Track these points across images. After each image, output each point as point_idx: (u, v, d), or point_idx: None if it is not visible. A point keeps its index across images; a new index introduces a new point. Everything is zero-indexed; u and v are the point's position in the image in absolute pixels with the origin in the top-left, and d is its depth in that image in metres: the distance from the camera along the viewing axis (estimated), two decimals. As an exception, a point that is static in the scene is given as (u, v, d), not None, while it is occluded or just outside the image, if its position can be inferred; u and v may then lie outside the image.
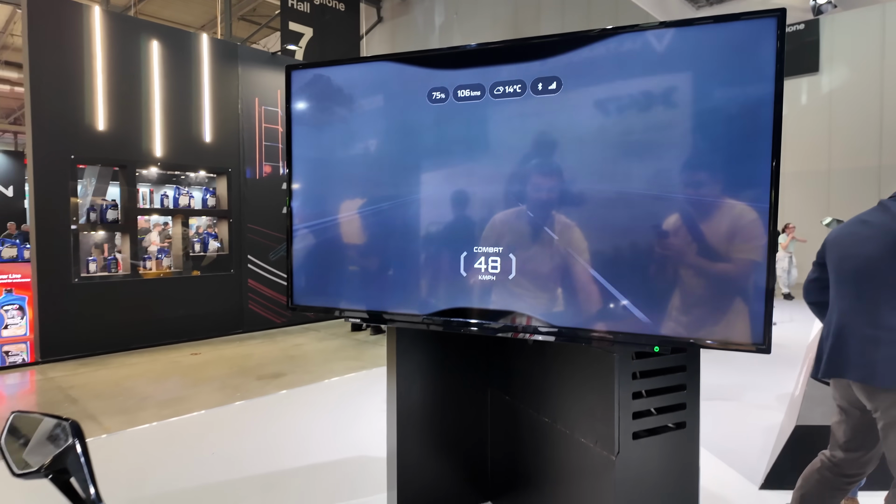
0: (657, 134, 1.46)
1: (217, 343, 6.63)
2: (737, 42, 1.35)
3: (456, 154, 1.66)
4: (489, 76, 1.60)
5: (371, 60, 1.73)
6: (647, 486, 1.98)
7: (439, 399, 2.61)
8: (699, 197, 1.42)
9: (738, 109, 1.37)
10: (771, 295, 1.42)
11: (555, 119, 1.55)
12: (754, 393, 4.49)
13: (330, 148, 1.88)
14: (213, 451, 3.40)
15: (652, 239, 1.52)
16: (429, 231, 1.73)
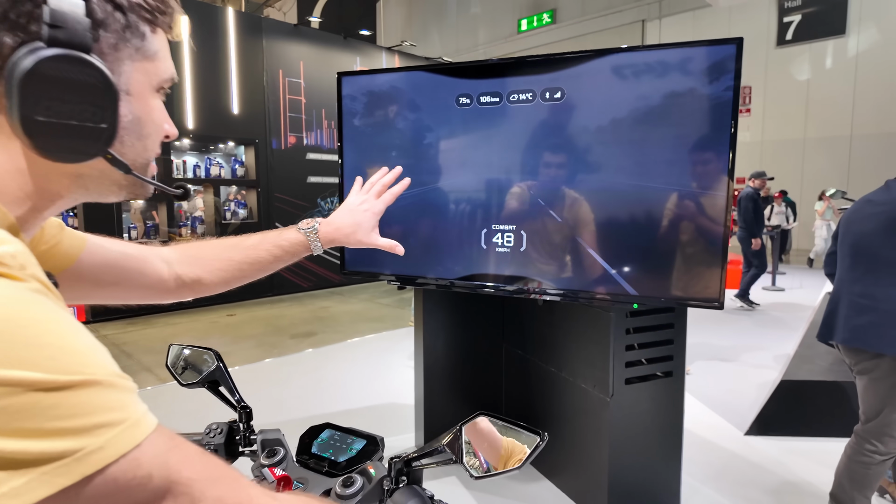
0: (639, 134, 1.79)
1: (250, 305, 7.10)
2: (705, 61, 1.64)
3: (478, 149, 1.99)
4: (506, 86, 1.91)
5: (409, 70, 2.06)
6: (637, 424, 2.33)
7: (460, 353, 2.98)
8: (670, 187, 1.74)
9: (703, 115, 1.68)
10: (724, 264, 1.74)
11: (559, 122, 1.87)
12: (754, 353, 4.80)
13: (374, 140, 2.23)
14: (259, 398, 3.85)
15: (631, 219, 1.90)
16: (455, 211, 2.08)
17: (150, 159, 0.60)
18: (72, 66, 0.48)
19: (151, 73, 0.57)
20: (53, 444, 0.36)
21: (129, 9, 0.53)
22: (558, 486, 2.63)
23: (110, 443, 0.39)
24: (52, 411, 0.36)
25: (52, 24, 0.47)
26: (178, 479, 0.43)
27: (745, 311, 6.59)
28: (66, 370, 0.38)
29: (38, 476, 0.36)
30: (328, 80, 8.11)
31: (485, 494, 2.58)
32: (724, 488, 2.63)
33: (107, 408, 0.39)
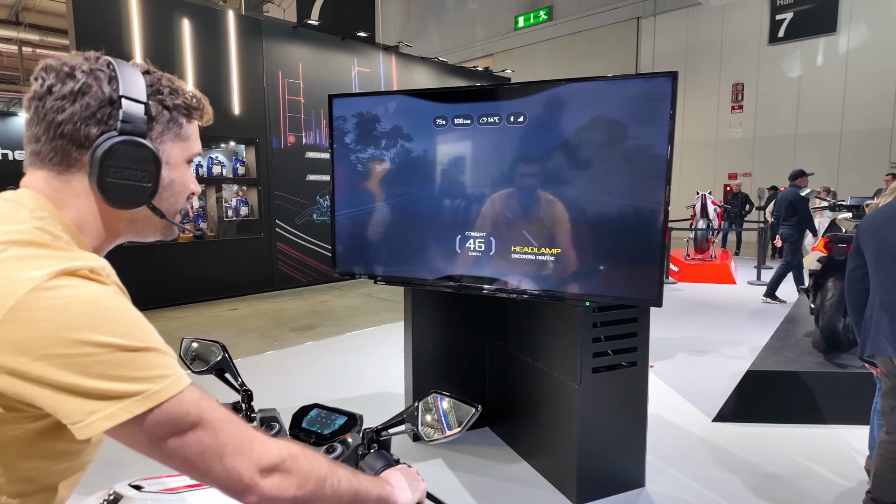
0: (591, 153, 2.03)
1: (251, 300, 7.34)
2: (646, 90, 1.87)
3: (452, 165, 2.24)
4: (477, 110, 2.15)
5: (392, 94, 2.31)
6: (603, 410, 2.57)
7: (447, 346, 3.22)
8: (616, 200, 1.98)
9: (644, 137, 1.91)
10: (661, 269, 1.96)
11: (522, 142, 2.11)
12: (731, 346, 5.03)
13: (360, 154, 2.47)
14: (262, 388, 4.09)
15: (582, 228, 2.15)
16: (433, 219, 2.33)
17: (179, 209, 0.87)
18: (133, 147, 0.74)
19: (185, 149, 0.84)
20: (133, 386, 0.61)
21: (172, 108, 0.81)
22: (535, 467, 2.87)
23: (165, 388, 0.63)
24: (131, 365, 0.61)
25: (124, 121, 0.74)
26: (206, 416, 0.67)
27: (737, 306, 6.80)
28: (139, 340, 0.63)
29: (123, 405, 0.61)
30: (326, 81, 8.32)
31: (467, 475, 2.82)
32: (688, 469, 2.87)
33: (162, 366, 0.64)
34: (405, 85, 9.52)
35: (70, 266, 0.63)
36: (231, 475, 0.68)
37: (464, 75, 11.11)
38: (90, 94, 0.73)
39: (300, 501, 0.74)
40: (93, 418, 0.60)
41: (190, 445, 0.65)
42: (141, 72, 0.79)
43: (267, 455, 0.72)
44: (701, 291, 7.74)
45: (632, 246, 1.99)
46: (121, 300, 0.66)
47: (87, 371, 0.59)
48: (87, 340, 0.59)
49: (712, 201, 9.40)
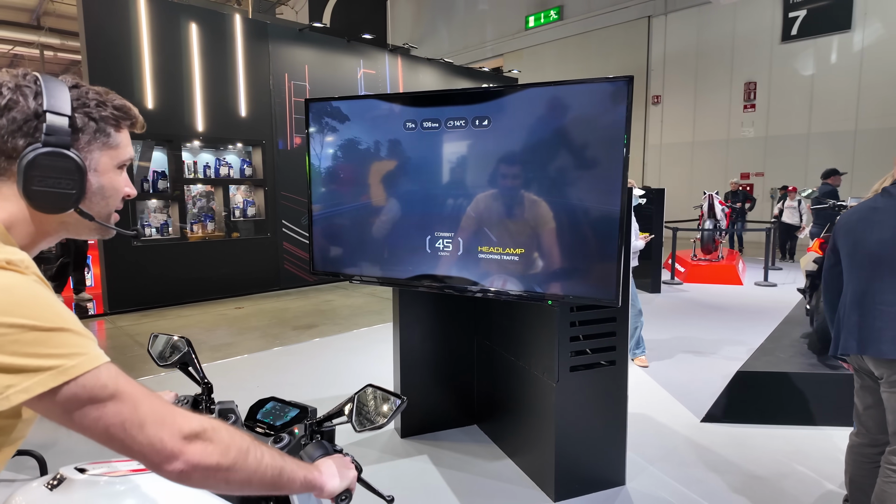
0: (550, 154, 2.07)
1: (257, 298, 7.46)
2: (604, 94, 1.91)
3: (422, 166, 2.30)
4: (444, 114, 2.21)
5: (363, 98, 2.37)
6: (582, 407, 2.60)
7: (435, 345, 3.27)
8: (575, 202, 2.02)
9: (601, 139, 1.95)
10: (619, 270, 2.00)
11: (486, 144, 2.16)
12: (729, 347, 5.01)
13: (335, 156, 2.55)
14: (258, 384, 4.18)
15: (543, 229, 2.19)
16: (404, 219, 2.40)
17: (112, 211, 0.93)
18: (56, 157, 0.81)
19: (114, 157, 0.90)
20: (47, 361, 0.68)
21: (99, 119, 0.87)
22: (518, 464, 2.91)
23: (79, 364, 0.70)
24: (44, 344, 0.69)
25: (48, 133, 0.81)
26: (124, 390, 0.74)
27: (740, 307, 6.75)
28: (52, 321, 0.70)
29: (38, 379, 0.68)
30: (332, 83, 8.42)
31: (450, 471, 2.87)
32: (670, 468, 2.89)
33: (76, 344, 0.72)
34: (411, 86, 9.58)
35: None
36: (154, 443, 0.74)
37: (470, 76, 11.15)
38: (16, 108, 0.80)
39: (223, 469, 0.79)
40: (10, 391, 0.67)
41: (110, 416, 0.72)
42: (68, 86, 0.85)
43: (188, 424, 0.78)
44: (706, 292, 7.69)
45: (591, 247, 2.02)
46: (36, 287, 0.73)
47: (2, 349, 0.66)
48: (1, 322, 0.66)
49: (720, 201, 9.32)
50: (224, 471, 0.80)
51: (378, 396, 1.13)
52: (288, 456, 0.94)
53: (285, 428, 1.25)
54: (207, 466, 0.78)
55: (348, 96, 2.51)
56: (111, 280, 6.59)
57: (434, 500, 2.61)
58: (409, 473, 2.86)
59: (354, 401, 1.14)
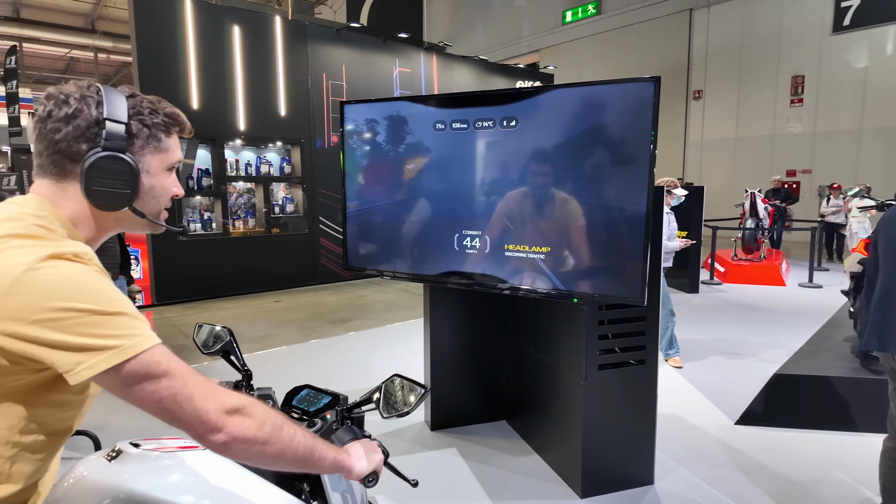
0: (577, 154, 2.10)
1: (295, 293, 7.69)
2: (630, 95, 1.91)
3: (450, 166, 2.35)
4: (473, 114, 2.26)
5: (395, 100, 2.46)
6: (610, 406, 2.61)
7: (464, 341, 3.33)
8: (602, 201, 2.03)
9: (628, 140, 1.96)
10: (645, 269, 2.00)
11: (514, 144, 2.19)
12: (768, 349, 4.88)
13: (367, 156, 2.64)
14: (294, 375, 4.33)
15: (569, 228, 2.22)
16: (433, 218, 2.47)
17: (161, 209, 1.03)
18: (113, 161, 0.91)
19: (164, 160, 1.00)
20: (109, 341, 0.78)
21: (151, 126, 0.97)
22: (545, 460, 2.94)
23: (136, 344, 0.80)
24: (106, 326, 0.78)
25: (106, 139, 0.91)
26: (175, 368, 0.83)
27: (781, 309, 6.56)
28: (111, 307, 0.80)
29: (103, 357, 0.77)
30: (368, 82, 8.56)
31: (477, 464, 2.92)
32: (701, 470, 2.86)
33: (133, 327, 0.81)
34: (445, 84, 9.65)
35: (57, 251, 0.80)
36: (200, 415, 0.83)
37: (505, 73, 11.13)
38: (81, 117, 0.90)
39: (260, 441, 0.88)
40: (80, 367, 0.76)
41: (163, 390, 0.81)
42: (126, 96, 0.94)
43: (229, 400, 0.87)
44: (746, 293, 7.49)
45: (617, 246, 2.04)
46: (97, 276, 0.82)
47: (71, 331, 0.76)
48: (68, 307, 0.76)
49: (762, 199, 9.04)
50: (260, 443, 0.88)
51: (404, 386, 1.20)
52: (319, 437, 1.01)
53: (318, 414, 1.33)
54: (246, 438, 0.86)
55: (381, 98, 2.59)
56: (158, 273, 6.91)
57: (461, 492, 2.67)
58: (437, 465, 2.93)
59: (382, 389, 1.21)
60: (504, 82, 10.90)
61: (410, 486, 1.18)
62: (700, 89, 15.42)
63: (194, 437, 0.85)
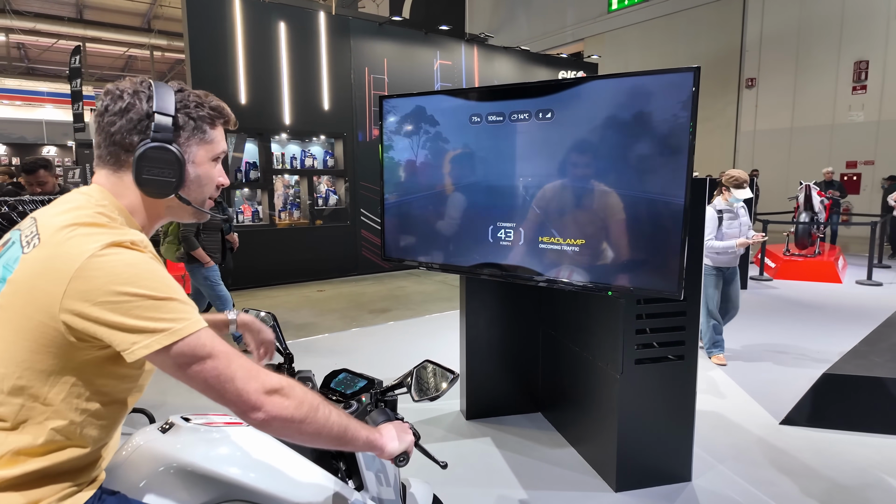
0: (613, 147, 2.07)
1: (337, 282, 7.88)
2: (668, 85, 1.87)
3: (486, 158, 2.37)
4: (508, 107, 2.27)
5: (431, 94, 2.50)
6: (646, 401, 2.59)
7: (500, 332, 3.35)
8: (638, 193, 2.00)
9: (665, 132, 1.92)
10: (682, 263, 1.97)
11: (549, 136, 2.18)
12: (818, 348, 4.69)
13: (405, 149, 2.70)
14: (335, 362, 4.47)
15: (605, 221, 2.21)
16: (468, 210, 2.50)
17: (206, 198, 1.09)
18: (160, 151, 0.98)
19: (209, 150, 1.07)
20: (161, 324, 0.85)
21: (197, 118, 1.03)
22: (580, 453, 2.94)
23: (185, 327, 0.87)
24: (159, 310, 0.85)
25: (155, 130, 0.97)
26: (220, 350, 0.90)
27: (835, 307, 6.28)
28: (164, 292, 0.87)
29: (156, 338, 0.85)
30: (409, 75, 8.63)
31: (512, 454, 2.95)
32: (741, 468, 2.80)
33: (183, 311, 0.88)
34: (486, 76, 9.61)
35: (117, 239, 0.88)
36: (241, 394, 0.90)
37: (547, 63, 10.99)
38: (133, 110, 0.97)
39: (297, 420, 0.94)
40: (135, 347, 0.84)
41: (208, 370, 0.89)
42: (174, 91, 1.01)
43: (269, 381, 0.93)
44: (798, 290, 7.19)
45: (653, 239, 2.01)
46: (153, 264, 0.90)
47: (128, 313, 0.84)
48: (127, 292, 0.84)
49: (818, 192, 8.62)
50: (298, 422, 0.94)
51: (436, 372, 1.24)
52: (353, 418, 1.07)
53: (354, 396, 1.40)
54: (284, 417, 0.93)
55: (418, 93, 2.64)
56: (209, 262, 7.20)
57: (495, 479, 2.71)
58: (472, 453, 2.98)
59: (413, 374, 1.26)
60: (546, 73, 10.76)
61: (440, 467, 1.23)
62: (753, 77, 14.78)
63: (237, 413, 0.92)
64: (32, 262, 0.88)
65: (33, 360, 0.87)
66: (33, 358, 0.87)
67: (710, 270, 4.22)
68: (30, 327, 0.86)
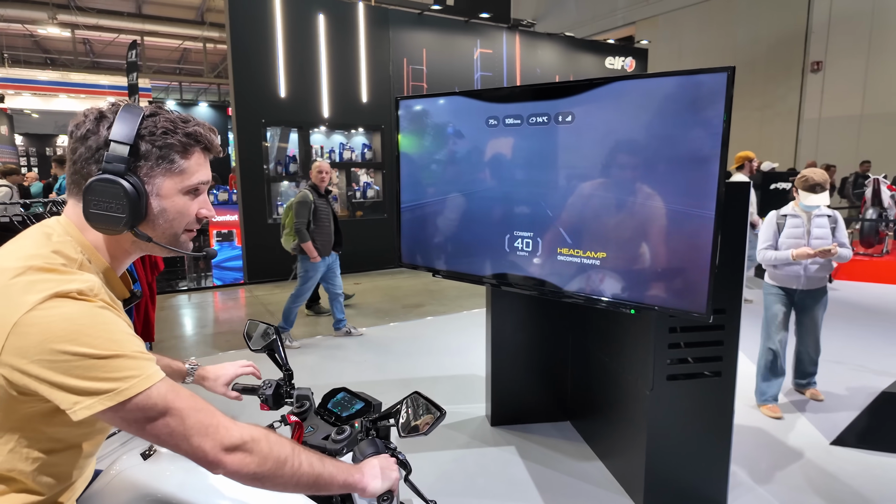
0: (638, 154, 1.90)
1: (373, 276, 7.91)
2: (698, 88, 1.68)
3: (502, 164, 2.24)
4: (526, 110, 2.11)
5: (448, 95, 2.38)
6: (679, 419, 2.43)
7: (527, 337, 3.23)
8: (664, 205, 1.82)
9: (696, 137, 1.73)
10: (710, 280, 1.79)
11: (570, 141, 2.02)
12: (880, 359, 4.33)
13: (421, 152, 2.61)
14: (364, 358, 4.47)
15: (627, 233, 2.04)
16: (484, 218, 2.38)
17: (178, 232, 0.98)
18: (108, 183, 0.88)
19: (179, 181, 0.95)
20: (104, 385, 0.79)
21: (163, 146, 0.93)
22: (608, 467, 2.81)
23: (132, 387, 0.80)
24: (101, 369, 0.79)
25: (107, 161, 0.88)
26: (173, 406, 0.83)
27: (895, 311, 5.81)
28: (108, 349, 0.80)
29: (98, 399, 0.79)
30: (448, 65, 8.50)
31: (536, 465, 2.85)
32: (783, 493, 2.60)
33: (130, 368, 0.81)
34: (528, 64, 9.35)
35: (62, 289, 0.81)
36: (198, 453, 0.85)
37: (593, 50, 10.59)
38: (92, 138, 0.90)
39: (261, 476, 0.89)
40: (77, 407, 0.79)
41: (160, 429, 0.83)
42: (145, 115, 0.91)
43: (229, 437, 0.87)
44: (861, 292, 6.68)
45: (680, 255, 1.84)
46: (99, 316, 0.82)
47: (68, 373, 0.78)
48: (65, 350, 0.78)
49: (888, 186, 7.98)
50: (261, 478, 0.89)
51: (426, 407, 1.16)
52: (330, 460, 1.01)
53: (349, 420, 1.33)
54: (245, 474, 0.87)
55: (433, 94, 2.54)
56: (249, 254, 7.38)
57: (516, 492, 2.62)
58: (495, 462, 2.89)
59: (403, 406, 1.18)
60: (592, 60, 10.38)
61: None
62: (819, 60, 13.79)
63: (200, 465, 0.87)
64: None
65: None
66: None
67: (771, 288, 3.47)
68: None
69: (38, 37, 17.52)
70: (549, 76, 9.59)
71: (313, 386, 1.50)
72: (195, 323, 5.83)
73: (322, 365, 4.34)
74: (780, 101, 14.34)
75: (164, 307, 6.29)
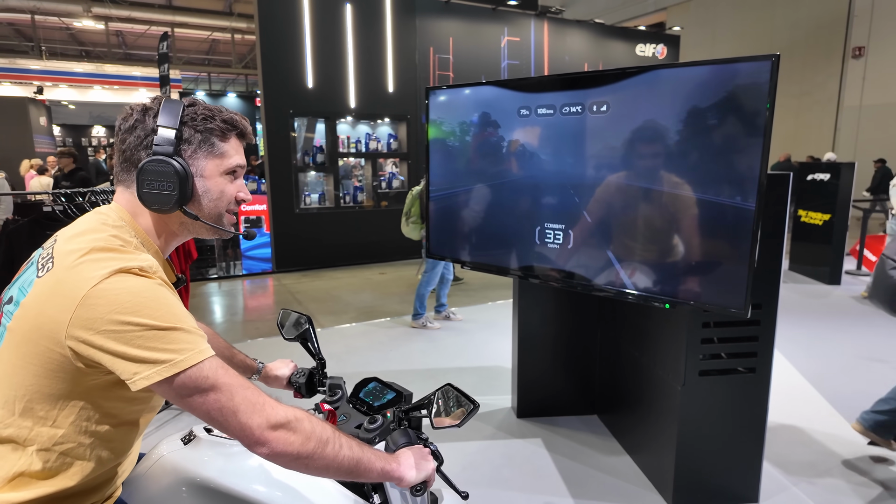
0: (675, 145, 1.84)
1: (398, 265, 7.95)
2: (740, 78, 1.62)
3: (534, 155, 2.20)
4: (559, 99, 2.07)
5: (478, 85, 2.37)
6: (711, 415, 2.38)
7: (555, 330, 3.21)
8: (701, 197, 1.77)
9: (737, 127, 1.67)
10: (749, 276, 1.74)
11: (604, 131, 1.98)
12: (924, 357, 4.18)
13: (450, 143, 2.60)
14: (391, 349, 4.50)
15: (662, 226, 1.98)
16: (514, 209, 2.36)
17: (222, 212, 1.05)
18: (159, 163, 0.95)
19: (220, 163, 1.03)
20: (163, 355, 0.83)
21: (205, 130, 1.00)
22: (636, 462, 2.78)
23: (187, 358, 0.84)
24: (161, 340, 0.83)
25: (156, 144, 0.95)
26: (223, 381, 0.87)
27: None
28: (168, 321, 0.84)
29: (157, 369, 0.83)
30: (475, 54, 8.42)
31: (563, 458, 2.84)
32: (818, 492, 2.54)
33: (186, 341, 0.85)
34: (557, 52, 9.21)
35: (125, 265, 0.86)
36: (244, 429, 0.87)
37: (623, 37, 10.36)
38: (140, 127, 0.97)
39: (304, 456, 0.90)
40: (137, 377, 0.83)
41: (210, 403, 0.86)
42: (185, 105, 0.99)
43: (275, 415, 0.89)
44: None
45: (718, 248, 1.78)
46: (159, 291, 0.87)
47: (130, 343, 0.82)
48: (129, 321, 0.82)
49: (934, 177, 7.63)
50: (304, 458, 0.90)
51: (459, 399, 1.16)
52: (367, 447, 1.02)
53: (381, 409, 1.34)
54: (289, 453, 0.89)
55: (464, 84, 2.52)
56: (278, 243, 7.49)
57: (542, 485, 2.62)
58: (520, 454, 2.89)
59: (435, 396, 1.18)
60: (622, 47, 10.17)
61: (461, 497, 1.15)
62: (862, 45, 13.24)
63: (244, 445, 0.89)
64: (42, 288, 0.88)
65: (41, 384, 0.88)
66: (41, 382, 0.87)
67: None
68: (37, 352, 0.86)
69: (74, 29, 17.96)
70: (578, 64, 9.42)
71: (346, 376, 1.52)
72: (225, 311, 5.96)
73: (350, 353, 4.39)
74: (818, 88, 13.85)
75: (195, 294, 6.43)
